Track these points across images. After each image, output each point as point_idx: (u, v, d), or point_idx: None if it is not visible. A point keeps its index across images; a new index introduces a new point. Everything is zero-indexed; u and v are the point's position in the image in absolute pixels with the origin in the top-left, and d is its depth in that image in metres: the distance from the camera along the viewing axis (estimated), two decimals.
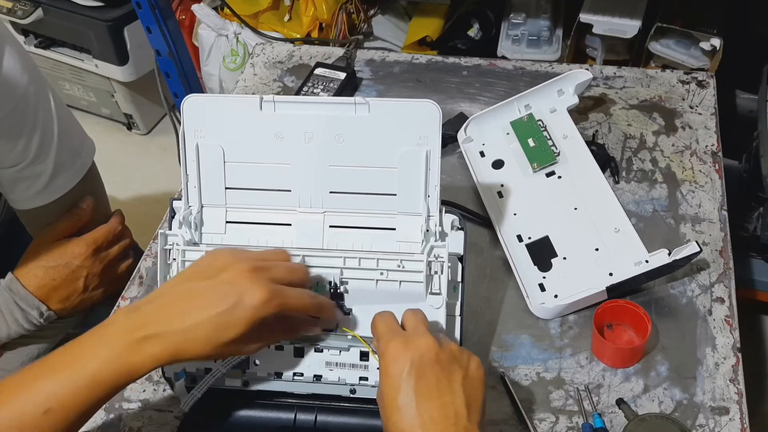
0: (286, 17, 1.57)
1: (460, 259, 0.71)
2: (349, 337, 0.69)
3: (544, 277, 0.84)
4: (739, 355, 0.78)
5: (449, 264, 0.69)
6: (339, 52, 1.19)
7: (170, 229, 0.72)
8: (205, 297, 0.60)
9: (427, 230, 0.70)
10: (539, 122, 0.95)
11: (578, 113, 1.02)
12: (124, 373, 0.59)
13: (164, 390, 0.80)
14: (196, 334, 0.59)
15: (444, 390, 0.58)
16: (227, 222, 0.72)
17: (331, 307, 0.68)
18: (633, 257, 0.82)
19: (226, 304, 0.59)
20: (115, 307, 0.89)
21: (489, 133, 0.97)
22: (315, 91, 1.10)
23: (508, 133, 0.96)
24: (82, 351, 0.60)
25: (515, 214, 0.89)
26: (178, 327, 0.59)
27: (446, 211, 0.71)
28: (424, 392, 0.58)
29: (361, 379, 0.71)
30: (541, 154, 0.92)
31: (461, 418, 0.58)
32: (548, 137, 0.93)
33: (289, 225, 0.71)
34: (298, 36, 1.51)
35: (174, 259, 0.70)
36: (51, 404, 0.58)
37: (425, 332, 0.61)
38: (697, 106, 1.04)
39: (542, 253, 0.86)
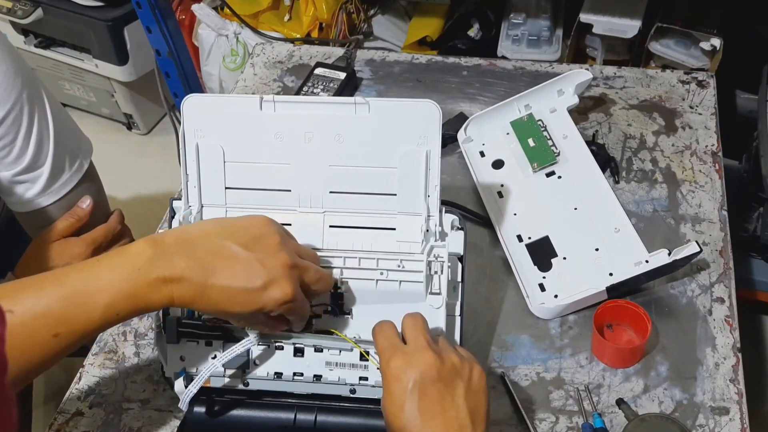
0: (286, 17, 1.57)
1: (460, 259, 0.71)
2: (350, 346, 0.69)
3: (544, 277, 0.84)
4: (739, 355, 0.78)
5: (449, 264, 0.69)
6: (339, 52, 1.19)
7: (170, 228, 0.71)
8: (237, 266, 0.59)
9: (427, 230, 0.70)
10: (539, 122, 0.95)
11: (578, 113, 1.02)
12: (140, 308, 0.59)
13: (164, 390, 0.80)
14: (214, 294, 0.59)
15: (447, 405, 0.59)
16: None
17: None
18: (633, 257, 0.82)
19: (252, 284, 0.59)
20: None
21: (489, 133, 0.97)
22: (315, 91, 1.09)
23: (508, 133, 0.96)
24: (101, 279, 0.58)
25: (515, 214, 0.89)
26: (202, 280, 0.59)
27: (446, 211, 0.71)
28: (428, 409, 0.58)
29: (361, 378, 0.71)
30: (541, 154, 0.92)
31: (466, 431, 0.58)
32: (548, 137, 0.93)
33: (289, 225, 0.71)
34: (298, 36, 1.51)
35: None
36: (61, 330, 0.57)
37: (425, 346, 0.60)
38: (697, 106, 1.04)
39: (542, 253, 0.86)
